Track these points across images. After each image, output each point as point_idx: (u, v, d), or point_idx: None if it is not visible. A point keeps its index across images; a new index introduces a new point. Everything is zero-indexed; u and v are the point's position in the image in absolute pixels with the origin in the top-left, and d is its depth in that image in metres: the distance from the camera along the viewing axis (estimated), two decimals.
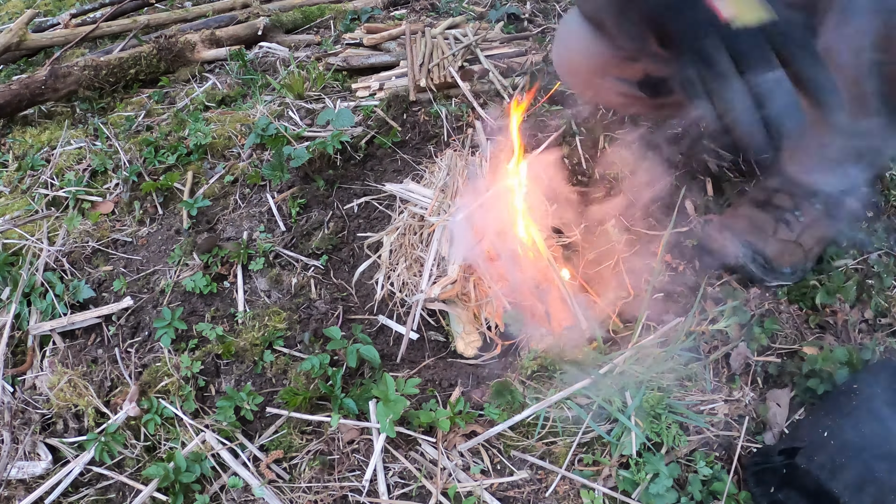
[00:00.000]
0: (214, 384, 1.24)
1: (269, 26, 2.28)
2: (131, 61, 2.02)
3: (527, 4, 2.33)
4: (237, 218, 1.50)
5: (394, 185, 1.55)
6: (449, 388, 1.20)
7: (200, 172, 1.63)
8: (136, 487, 1.10)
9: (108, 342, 1.31)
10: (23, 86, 1.90)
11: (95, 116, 1.95)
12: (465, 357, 1.33)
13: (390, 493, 1.05)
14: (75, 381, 1.22)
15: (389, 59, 1.91)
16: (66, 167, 1.71)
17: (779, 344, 1.24)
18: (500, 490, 1.04)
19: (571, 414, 1.11)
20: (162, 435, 1.16)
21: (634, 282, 1.38)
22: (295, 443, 1.12)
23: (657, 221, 1.48)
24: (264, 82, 2.00)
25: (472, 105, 1.72)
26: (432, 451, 1.09)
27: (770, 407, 1.15)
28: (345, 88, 1.93)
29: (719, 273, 1.35)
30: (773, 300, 1.30)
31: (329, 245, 1.47)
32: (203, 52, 2.13)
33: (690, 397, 1.16)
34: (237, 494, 1.07)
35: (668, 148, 1.38)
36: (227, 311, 1.34)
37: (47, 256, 1.43)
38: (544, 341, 1.27)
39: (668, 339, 1.21)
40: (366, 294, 1.44)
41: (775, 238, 1.24)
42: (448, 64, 1.80)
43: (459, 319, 1.34)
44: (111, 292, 1.37)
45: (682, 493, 1.02)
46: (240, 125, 1.74)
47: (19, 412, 1.21)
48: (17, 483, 1.13)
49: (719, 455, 1.09)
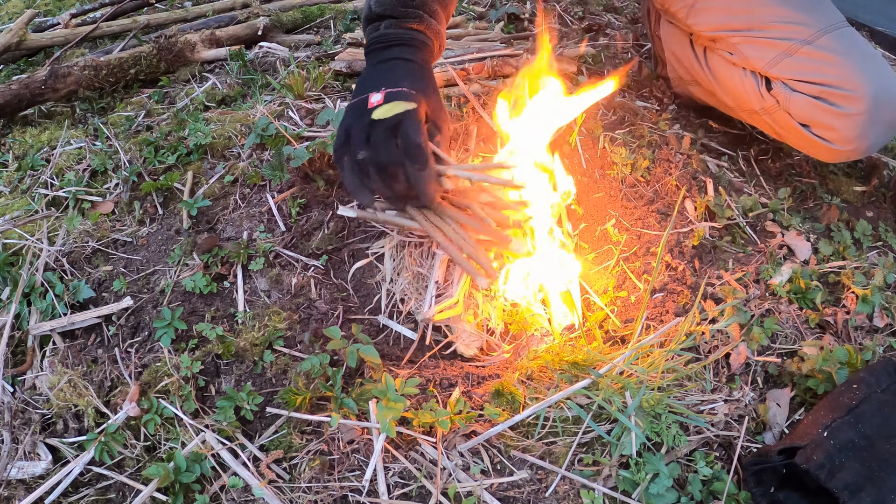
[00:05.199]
0: (214, 384, 1.24)
1: (269, 26, 2.28)
2: (131, 61, 2.02)
3: (527, 4, 2.33)
4: (237, 218, 1.50)
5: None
6: (449, 388, 1.20)
7: (200, 172, 1.63)
8: (136, 487, 1.10)
9: (108, 342, 1.31)
10: (23, 86, 1.90)
11: (95, 116, 1.95)
12: (465, 357, 1.33)
13: (390, 493, 1.05)
14: (75, 381, 1.22)
15: None
16: (66, 167, 1.71)
17: (779, 344, 1.24)
18: (500, 490, 1.04)
19: (571, 414, 1.11)
20: (162, 435, 1.16)
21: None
22: (295, 443, 1.12)
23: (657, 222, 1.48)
24: (264, 82, 2.00)
25: (473, 105, 1.72)
26: (432, 451, 1.09)
27: (770, 407, 1.15)
28: (345, 88, 1.93)
29: (719, 273, 1.35)
30: (774, 300, 1.30)
31: (329, 245, 1.47)
32: (203, 52, 2.13)
33: (690, 397, 1.16)
34: (237, 494, 1.07)
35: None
36: (227, 311, 1.34)
37: (47, 256, 1.43)
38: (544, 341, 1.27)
39: (668, 339, 1.21)
40: (366, 294, 1.44)
41: None
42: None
43: (460, 321, 1.34)
44: (111, 292, 1.37)
45: (682, 493, 1.02)
46: (240, 125, 1.74)
47: (19, 412, 1.21)
48: (17, 483, 1.13)
49: (719, 455, 1.09)
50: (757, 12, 1.42)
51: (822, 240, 1.42)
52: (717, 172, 1.59)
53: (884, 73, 1.33)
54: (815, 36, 1.35)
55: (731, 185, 1.57)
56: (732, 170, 1.62)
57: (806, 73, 1.37)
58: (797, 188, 1.56)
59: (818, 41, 1.34)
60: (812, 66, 1.36)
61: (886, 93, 1.30)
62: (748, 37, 1.44)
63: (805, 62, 1.37)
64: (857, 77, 1.30)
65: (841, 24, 1.37)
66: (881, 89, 1.30)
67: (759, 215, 1.49)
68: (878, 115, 1.31)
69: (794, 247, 1.42)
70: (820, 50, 1.34)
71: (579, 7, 2.34)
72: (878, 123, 1.33)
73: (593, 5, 2.35)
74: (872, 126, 1.32)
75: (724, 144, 1.68)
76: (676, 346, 1.17)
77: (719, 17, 1.49)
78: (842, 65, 1.32)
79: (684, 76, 1.73)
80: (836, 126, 1.35)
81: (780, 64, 1.40)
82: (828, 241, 1.42)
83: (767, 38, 1.40)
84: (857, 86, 1.30)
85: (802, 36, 1.36)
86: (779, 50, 1.39)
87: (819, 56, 1.35)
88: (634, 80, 1.89)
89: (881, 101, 1.30)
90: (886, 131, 1.35)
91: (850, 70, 1.31)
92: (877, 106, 1.30)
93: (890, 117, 1.33)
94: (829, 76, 1.34)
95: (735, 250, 1.43)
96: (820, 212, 1.52)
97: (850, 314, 1.28)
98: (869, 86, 1.30)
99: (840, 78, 1.32)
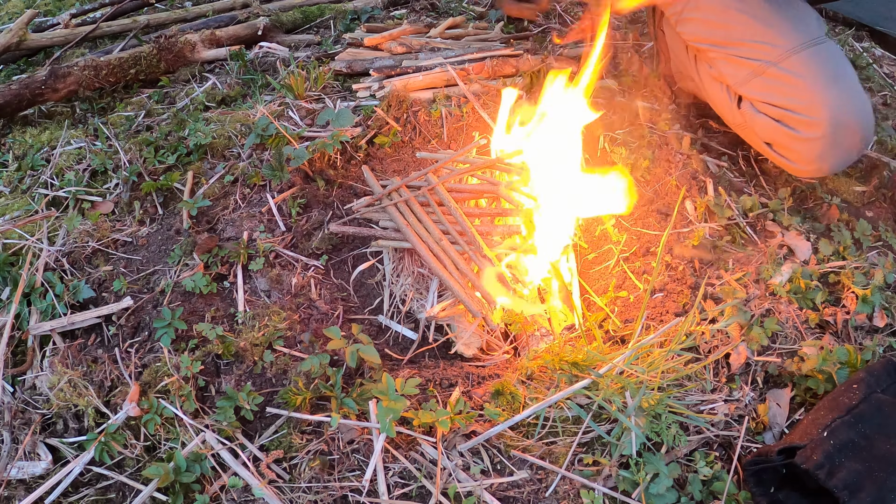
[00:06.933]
0: (214, 384, 1.24)
1: (269, 26, 2.28)
2: (131, 61, 2.02)
3: None
4: (237, 218, 1.50)
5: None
6: (449, 388, 1.20)
7: (200, 172, 1.63)
8: (136, 487, 1.10)
9: (108, 342, 1.31)
10: (23, 86, 1.90)
11: (95, 116, 1.96)
12: (465, 357, 1.33)
13: (390, 493, 1.05)
14: (75, 381, 1.22)
15: (391, 63, 1.91)
16: (66, 167, 1.71)
17: (779, 344, 1.24)
18: (500, 490, 1.04)
19: (571, 414, 1.11)
20: (162, 435, 1.16)
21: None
22: (295, 443, 1.12)
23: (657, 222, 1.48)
24: (264, 82, 2.00)
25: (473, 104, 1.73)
26: (432, 451, 1.09)
27: (770, 407, 1.15)
28: (345, 88, 1.93)
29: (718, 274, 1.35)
30: (774, 300, 1.30)
31: (329, 245, 1.47)
32: (203, 52, 2.13)
33: (690, 397, 1.16)
34: (237, 494, 1.07)
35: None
36: (227, 311, 1.34)
37: (47, 256, 1.43)
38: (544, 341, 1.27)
39: (668, 339, 1.21)
40: (366, 294, 1.44)
41: None
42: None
43: (460, 321, 1.34)
44: (111, 292, 1.37)
45: (682, 493, 1.02)
46: (240, 125, 1.74)
47: (19, 412, 1.21)
48: (17, 483, 1.13)
49: (719, 455, 1.09)
50: (732, 28, 1.42)
51: (822, 240, 1.42)
52: (717, 172, 1.59)
53: (847, 99, 1.31)
54: (782, 56, 1.34)
55: (731, 185, 1.57)
56: (732, 170, 1.62)
57: (770, 96, 1.38)
58: (797, 188, 1.56)
59: (785, 62, 1.34)
60: (776, 89, 1.36)
61: (846, 119, 1.29)
62: (723, 53, 1.45)
63: (771, 83, 1.37)
64: (817, 102, 1.30)
65: (813, 42, 1.35)
66: (841, 116, 1.29)
67: (759, 215, 1.49)
68: (837, 140, 1.31)
69: (794, 247, 1.42)
70: (785, 72, 1.34)
71: (579, 7, 2.34)
72: (837, 148, 1.32)
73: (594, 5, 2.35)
74: (832, 150, 1.32)
75: (724, 144, 1.68)
76: (676, 346, 1.17)
77: (701, 30, 1.50)
78: (804, 89, 1.32)
79: (684, 71, 1.73)
80: (795, 148, 1.37)
81: (749, 83, 1.41)
82: (828, 241, 1.42)
83: (739, 57, 1.41)
84: (816, 111, 1.30)
85: (770, 57, 1.36)
86: (749, 69, 1.40)
87: (783, 78, 1.34)
88: (635, 80, 1.89)
89: (840, 128, 1.30)
90: (846, 156, 1.35)
91: (812, 95, 1.31)
92: (835, 132, 1.30)
93: (849, 143, 1.32)
94: (790, 100, 1.34)
95: (735, 250, 1.43)
96: (820, 212, 1.52)
97: (850, 314, 1.28)
98: (828, 112, 1.29)
99: (801, 103, 1.32)
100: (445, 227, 1.38)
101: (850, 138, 1.32)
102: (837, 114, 1.29)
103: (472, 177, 1.49)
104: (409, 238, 1.35)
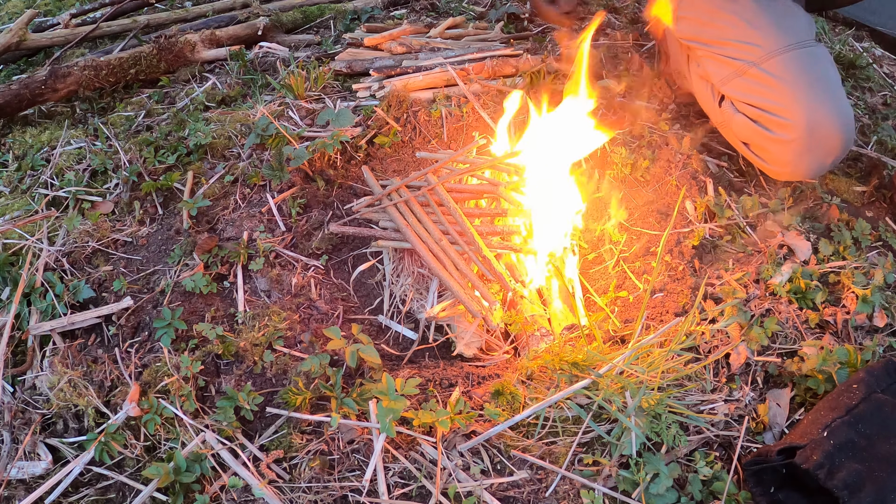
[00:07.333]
0: (214, 384, 1.24)
1: (269, 26, 2.28)
2: (131, 61, 2.02)
3: (527, 4, 2.32)
4: (237, 218, 1.50)
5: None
6: (449, 388, 1.20)
7: (200, 172, 1.63)
8: (136, 487, 1.10)
9: (108, 342, 1.31)
10: (23, 86, 1.90)
11: (95, 116, 1.96)
12: (465, 357, 1.33)
13: (390, 493, 1.05)
14: (75, 381, 1.22)
15: (391, 63, 1.91)
16: (66, 167, 1.71)
17: (779, 344, 1.24)
18: (500, 490, 1.04)
19: (571, 414, 1.11)
20: (162, 435, 1.16)
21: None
22: (295, 443, 1.12)
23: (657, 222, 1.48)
24: (264, 82, 2.00)
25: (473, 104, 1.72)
26: (432, 451, 1.09)
27: (770, 407, 1.15)
28: (345, 88, 1.93)
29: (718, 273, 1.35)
30: (774, 300, 1.30)
31: (329, 245, 1.47)
32: (203, 52, 2.13)
33: (690, 397, 1.16)
34: (237, 494, 1.07)
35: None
36: (227, 311, 1.34)
37: (47, 256, 1.43)
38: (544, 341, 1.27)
39: (668, 339, 1.21)
40: (366, 294, 1.44)
41: None
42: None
43: (460, 321, 1.34)
44: (111, 292, 1.37)
45: (682, 493, 1.02)
46: (240, 125, 1.74)
47: (19, 412, 1.21)
48: (17, 483, 1.13)
49: (719, 455, 1.09)
50: (720, 27, 1.42)
51: (822, 240, 1.42)
52: (717, 172, 1.59)
53: (825, 103, 1.31)
54: (764, 57, 1.34)
55: (731, 185, 1.57)
56: (732, 170, 1.62)
57: (749, 96, 1.38)
58: (797, 188, 1.56)
59: (766, 63, 1.34)
60: (755, 89, 1.36)
61: (822, 123, 1.29)
62: (710, 51, 1.46)
63: (751, 83, 1.37)
64: (794, 105, 1.30)
65: (798, 45, 1.35)
66: (817, 120, 1.29)
67: (759, 215, 1.49)
68: (812, 144, 1.31)
69: (794, 247, 1.42)
70: (765, 73, 1.34)
71: (579, 7, 2.34)
72: (813, 152, 1.32)
73: (594, 5, 2.35)
74: (807, 153, 1.33)
75: (724, 144, 1.68)
76: (676, 346, 1.17)
77: (692, 28, 1.50)
78: (781, 91, 1.32)
79: (682, 71, 1.74)
80: (769, 149, 1.38)
81: (731, 82, 1.42)
82: (828, 241, 1.42)
83: (724, 56, 1.41)
84: (792, 113, 1.30)
85: (753, 57, 1.36)
86: (732, 68, 1.40)
87: (764, 80, 1.34)
88: (635, 80, 1.89)
89: (816, 132, 1.29)
90: (823, 160, 1.34)
91: (789, 98, 1.31)
92: (811, 135, 1.30)
93: (826, 148, 1.32)
94: (767, 101, 1.34)
95: (735, 250, 1.43)
96: (820, 212, 1.52)
97: (850, 314, 1.28)
98: (804, 115, 1.29)
99: (777, 104, 1.32)
100: (445, 227, 1.38)
101: (827, 143, 1.32)
102: (814, 117, 1.29)
103: (472, 177, 1.49)
104: (408, 238, 1.36)
